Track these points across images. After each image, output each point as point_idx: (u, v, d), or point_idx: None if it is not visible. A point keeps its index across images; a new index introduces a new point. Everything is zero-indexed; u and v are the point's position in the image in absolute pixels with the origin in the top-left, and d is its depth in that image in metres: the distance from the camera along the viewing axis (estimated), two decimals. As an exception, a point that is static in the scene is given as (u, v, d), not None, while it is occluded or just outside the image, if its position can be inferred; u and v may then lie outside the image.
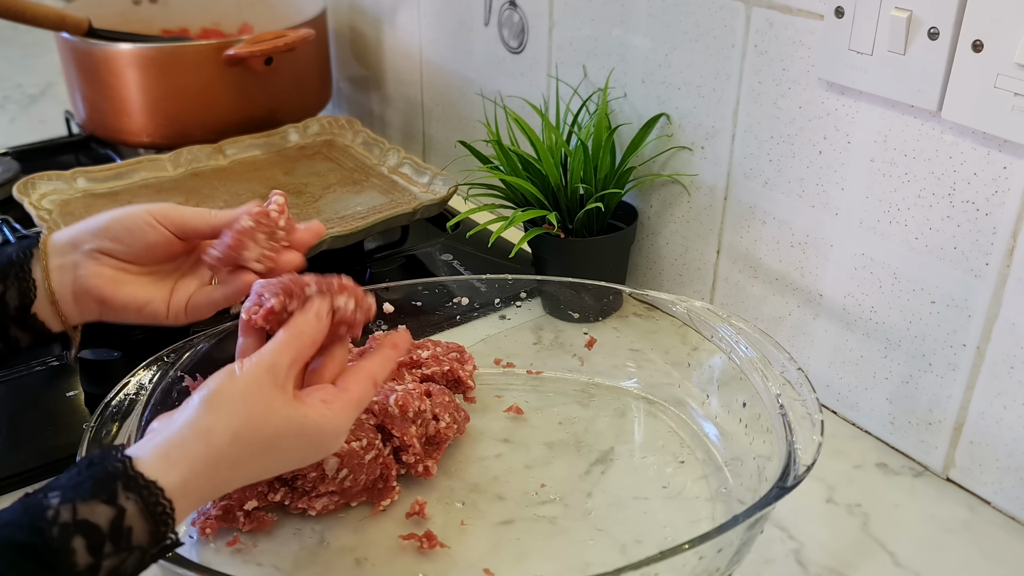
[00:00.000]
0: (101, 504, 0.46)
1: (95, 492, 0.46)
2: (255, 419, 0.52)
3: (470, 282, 0.88)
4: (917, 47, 0.64)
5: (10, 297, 0.60)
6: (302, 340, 0.56)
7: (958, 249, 0.67)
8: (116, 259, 0.63)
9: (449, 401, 0.73)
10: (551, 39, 0.98)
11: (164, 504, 0.48)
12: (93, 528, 0.45)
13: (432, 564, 0.63)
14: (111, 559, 0.46)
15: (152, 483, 0.48)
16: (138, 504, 0.47)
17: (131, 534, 0.47)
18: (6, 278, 0.61)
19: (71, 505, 0.46)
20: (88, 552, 0.45)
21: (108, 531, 0.46)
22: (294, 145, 1.17)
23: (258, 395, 0.53)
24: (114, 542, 0.46)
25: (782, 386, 0.66)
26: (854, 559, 0.65)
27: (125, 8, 1.31)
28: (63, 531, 0.45)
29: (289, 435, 0.53)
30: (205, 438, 0.51)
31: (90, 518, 0.46)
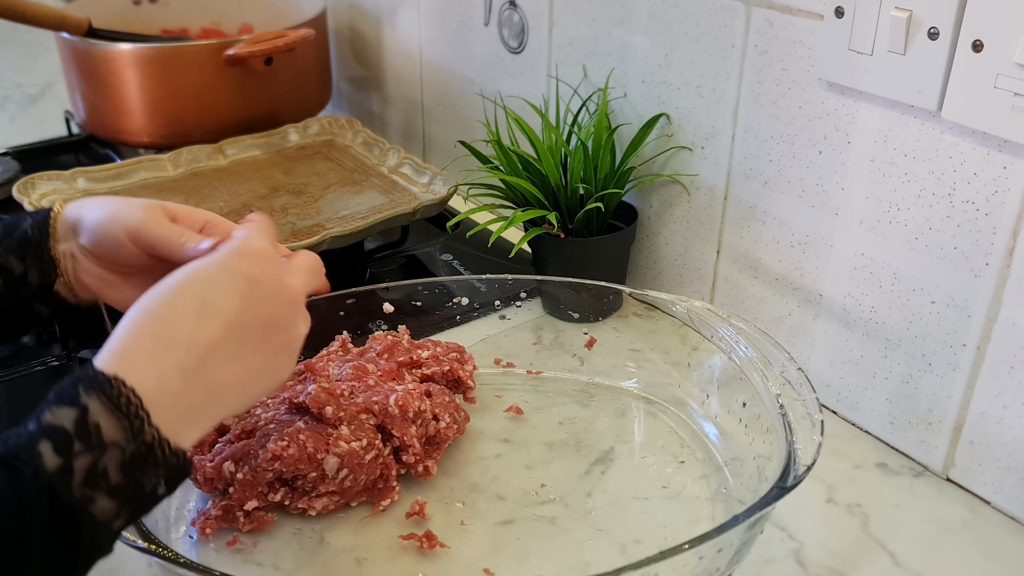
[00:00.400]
0: (64, 407, 0.45)
1: (58, 400, 0.45)
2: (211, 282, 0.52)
3: (470, 282, 0.88)
4: (917, 47, 0.64)
5: (32, 278, 0.61)
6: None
7: (958, 249, 0.67)
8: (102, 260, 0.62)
9: (449, 401, 0.73)
10: (551, 39, 0.98)
11: (128, 395, 0.45)
12: (56, 429, 0.44)
13: (432, 564, 0.63)
14: (83, 457, 0.44)
15: (113, 376, 0.46)
16: (100, 398, 0.45)
17: (99, 431, 0.44)
18: (25, 257, 0.60)
19: (36, 419, 0.45)
20: (56, 453, 0.43)
21: (74, 430, 0.44)
22: (294, 145, 1.17)
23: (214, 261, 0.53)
24: (82, 440, 0.44)
25: (782, 386, 0.66)
26: (854, 559, 0.65)
27: (125, 8, 1.31)
28: (29, 438, 0.44)
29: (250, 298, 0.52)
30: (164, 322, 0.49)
31: (54, 422, 0.44)
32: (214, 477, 0.65)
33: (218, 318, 0.50)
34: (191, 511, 0.67)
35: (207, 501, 0.66)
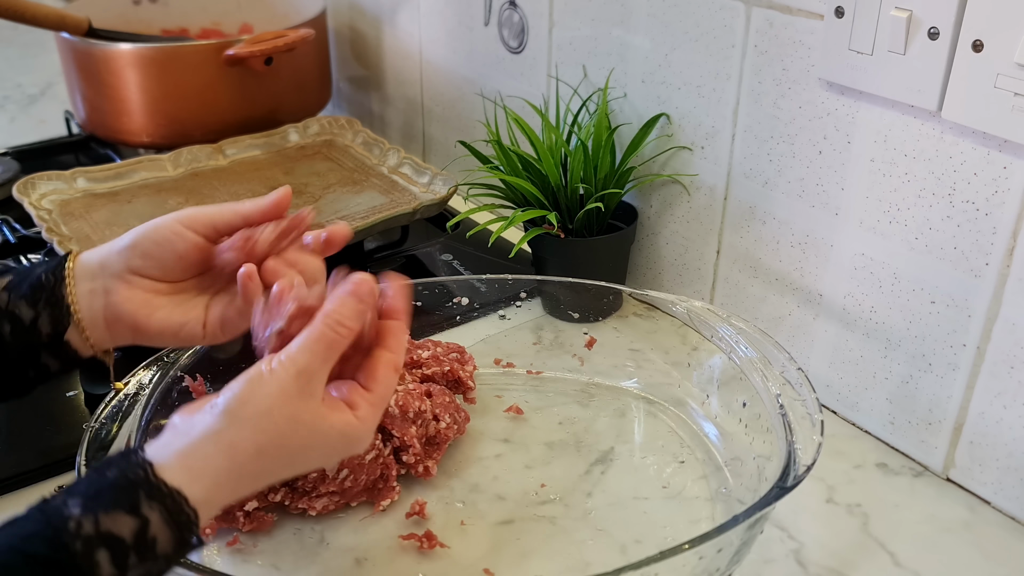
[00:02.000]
0: (124, 515, 0.45)
1: (117, 502, 0.45)
2: (281, 436, 0.50)
3: (470, 282, 0.88)
4: (917, 47, 0.64)
5: (42, 323, 0.57)
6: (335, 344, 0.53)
7: (958, 249, 0.67)
8: (148, 278, 0.59)
9: (449, 402, 0.73)
10: (551, 39, 0.98)
11: (188, 513, 0.47)
12: (117, 540, 0.44)
13: (432, 564, 0.63)
14: (136, 570, 0.45)
15: (176, 491, 0.46)
16: (162, 514, 0.46)
17: (155, 544, 0.45)
18: (37, 303, 0.57)
19: (93, 516, 0.44)
20: (112, 565, 0.44)
21: (132, 543, 0.45)
22: (294, 145, 1.17)
23: (285, 409, 0.50)
24: (139, 553, 0.45)
25: (782, 386, 0.66)
26: (854, 559, 0.65)
27: (125, 8, 1.31)
28: (86, 544, 0.43)
29: (314, 447, 0.52)
30: (228, 453, 0.49)
31: (113, 530, 0.44)
32: None
33: (274, 462, 0.51)
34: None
35: (207, 501, 0.66)
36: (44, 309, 0.57)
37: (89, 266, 0.59)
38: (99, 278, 0.58)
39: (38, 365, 0.58)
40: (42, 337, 0.57)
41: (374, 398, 0.54)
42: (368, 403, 0.54)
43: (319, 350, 0.52)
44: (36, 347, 0.57)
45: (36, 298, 0.57)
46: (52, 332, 0.57)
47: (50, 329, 0.57)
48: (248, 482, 0.51)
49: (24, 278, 0.58)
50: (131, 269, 0.59)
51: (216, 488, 0.49)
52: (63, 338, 0.58)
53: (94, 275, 0.59)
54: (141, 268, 0.59)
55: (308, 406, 0.51)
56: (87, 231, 0.96)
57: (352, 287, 0.55)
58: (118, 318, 0.58)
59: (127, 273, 0.59)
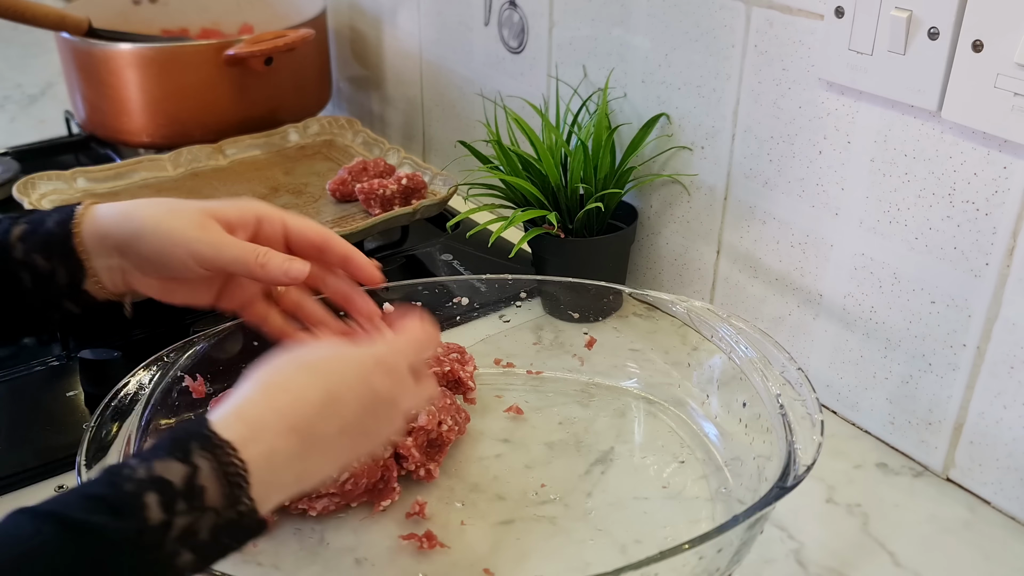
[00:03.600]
0: (175, 462, 0.46)
1: (171, 450, 0.46)
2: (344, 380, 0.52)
3: (470, 282, 0.88)
4: (917, 47, 0.64)
5: (60, 277, 0.60)
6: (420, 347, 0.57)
7: (958, 249, 0.67)
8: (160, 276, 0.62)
9: (450, 403, 0.73)
10: (551, 39, 0.98)
11: (238, 464, 0.47)
12: (167, 484, 0.45)
13: (432, 564, 0.63)
14: (184, 517, 0.45)
15: (227, 442, 0.47)
16: (212, 463, 0.46)
17: (204, 493, 0.46)
18: (51, 256, 0.60)
19: (148, 463, 0.45)
20: (161, 508, 0.44)
21: (182, 487, 0.45)
22: (294, 145, 1.17)
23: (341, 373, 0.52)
24: (187, 499, 0.45)
25: (782, 386, 0.66)
26: (854, 559, 0.65)
27: (125, 8, 1.31)
28: (137, 485, 0.44)
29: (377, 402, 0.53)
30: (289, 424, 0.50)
31: (164, 474, 0.45)
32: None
33: (337, 420, 0.52)
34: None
35: (207, 501, 0.66)
36: (59, 264, 0.60)
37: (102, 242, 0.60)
38: (115, 258, 0.61)
39: (61, 309, 0.61)
40: (61, 287, 0.60)
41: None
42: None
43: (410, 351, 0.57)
44: (56, 295, 0.60)
45: (49, 251, 0.60)
46: (69, 283, 0.60)
47: (67, 280, 0.60)
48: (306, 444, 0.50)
49: (36, 228, 0.60)
50: (143, 270, 0.61)
51: (271, 446, 0.49)
52: (81, 287, 0.61)
53: (109, 253, 0.61)
54: (153, 273, 0.62)
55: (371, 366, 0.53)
56: (87, 231, 0.96)
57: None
58: (137, 292, 0.63)
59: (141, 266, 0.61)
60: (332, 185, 1.03)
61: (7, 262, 0.59)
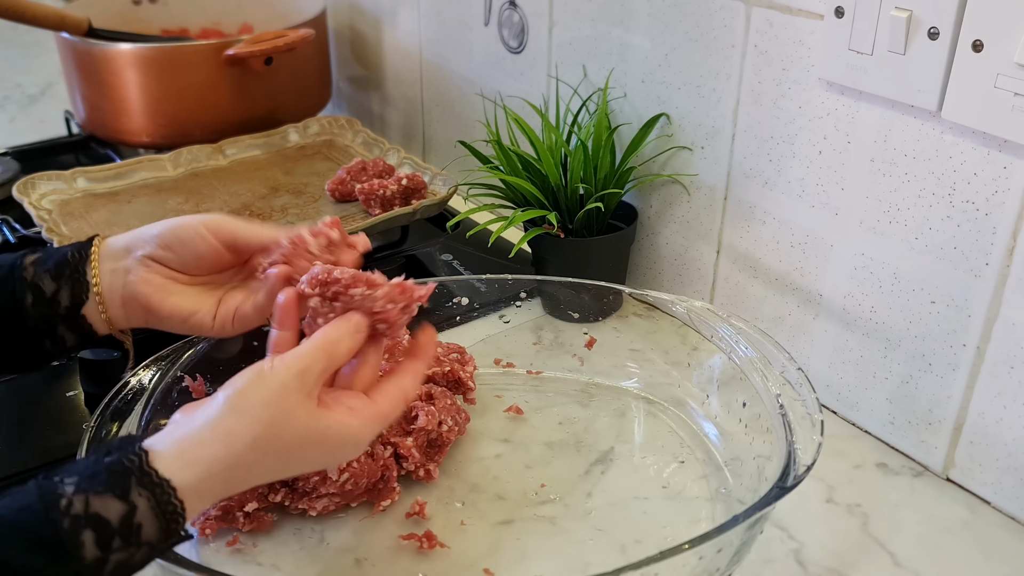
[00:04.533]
0: (113, 499, 0.46)
1: (109, 485, 0.47)
2: (277, 426, 0.52)
3: (470, 282, 0.88)
4: (917, 47, 0.64)
5: (62, 296, 0.61)
6: (337, 349, 0.55)
7: (958, 249, 0.67)
8: (166, 267, 0.63)
9: (451, 404, 0.73)
10: (551, 39, 0.98)
11: (176, 504, 0.48)
12: (104, 523, 0.46)
13: (432, 564, 0.63)
14: (119, 554, 0.46)
15: (166, 481, 0.48)
16: (150, 502, 0.47)
17: (140, 530, 0.47)
18: (60, 277, 0.61)
19: (84, 497, 0.46)
20: (96, 546, 0.45)
21: (118, 527, 0.46)
22: (294, 145, 1.17)
23: (283, 402, 0.52)
24: (123, 538, 0.46)
25: (782, 386, 0.66)
26: (854, 559, 0.65)
27: (125, 8, 1.31)
28: (74, 523, 0.45)
29: (310, 444, 0.53)
30: (224, 440, 0.51)
31: (101, 512, 0.46)
32: None
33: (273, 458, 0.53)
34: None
35: (207, 501, 0.66)
36: (65, 284, 0.61)
37: (115, 248, 0.63)
38: (122, 259, 0.63)
39: (55, 337, 0.62)
40: (60, 309, 0.61)
41: (377, 411, 0.56)
42: (369, 414, 0.56)
43: (320, 357, 0.54)
44: (54, 319, 0.61)
45: (60, 273, 0.61)
46: (70, 305, 0.61)
47: (68, 302, 0.61)
48: (241, 475, 0.52)
49: (51, 255, 0.63)
50: (152, 256, 0.63)
51: (209, 477, 0.50)
52: (80, 311, 0.62)
53: (118, 256, 0.63)
54: (162, 257, 0.63)
55: (305, 403, 0.53)
56: (87, 231, 0.96)
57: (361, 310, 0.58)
58: (134, 297, 0.62)
59: (148, 259, 0.63)
60: (331, 185, 1.03)
61: (14, 281, 0.61)
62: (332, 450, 0.55)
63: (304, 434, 0.53)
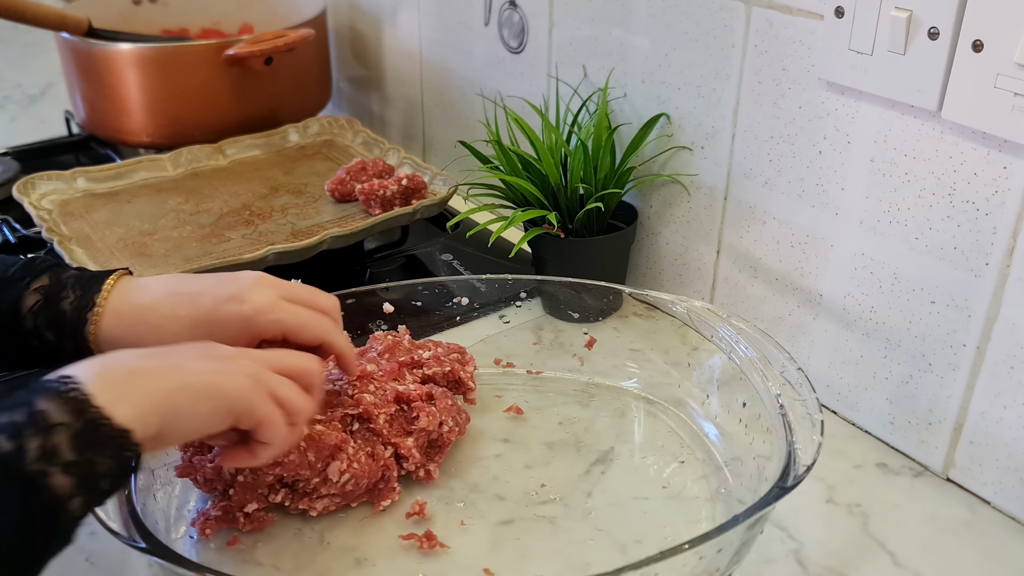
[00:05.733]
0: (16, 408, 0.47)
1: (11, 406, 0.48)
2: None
3: (470, 282, 0.88)
4: (917, 47, 0.64)
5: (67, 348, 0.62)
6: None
7: (958, 249, 0.67)
8: None
9: (451, 404, 0.73)
10: (551, 39, 0.98)
11: (72, 385, 0.49)
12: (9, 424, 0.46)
13: (432, 564, 0.63)
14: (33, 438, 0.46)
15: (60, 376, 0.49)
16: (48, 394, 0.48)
17: (46, 415, 0.47)
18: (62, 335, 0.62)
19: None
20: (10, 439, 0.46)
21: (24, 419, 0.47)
22: (294, 145, 1.17)
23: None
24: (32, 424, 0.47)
25: (782, 386, 0.66)
26: (854, 559, 0.65)
27: (125, 8, 1.31)
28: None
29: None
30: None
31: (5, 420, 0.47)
32: (214, 478, 0.65)
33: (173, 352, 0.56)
34: (191, 511, 0.67)
35: (207, 501, 0.66)
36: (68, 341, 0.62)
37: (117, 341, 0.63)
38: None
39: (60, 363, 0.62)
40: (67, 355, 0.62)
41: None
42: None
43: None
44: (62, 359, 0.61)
45: (60, 332, 0.62)
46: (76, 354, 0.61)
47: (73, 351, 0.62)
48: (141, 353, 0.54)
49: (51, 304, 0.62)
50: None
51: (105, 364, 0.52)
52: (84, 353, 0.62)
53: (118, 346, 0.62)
54: None
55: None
56: (87, 231, 0.96)
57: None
58: None
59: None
60: (331, 185, 1.03)
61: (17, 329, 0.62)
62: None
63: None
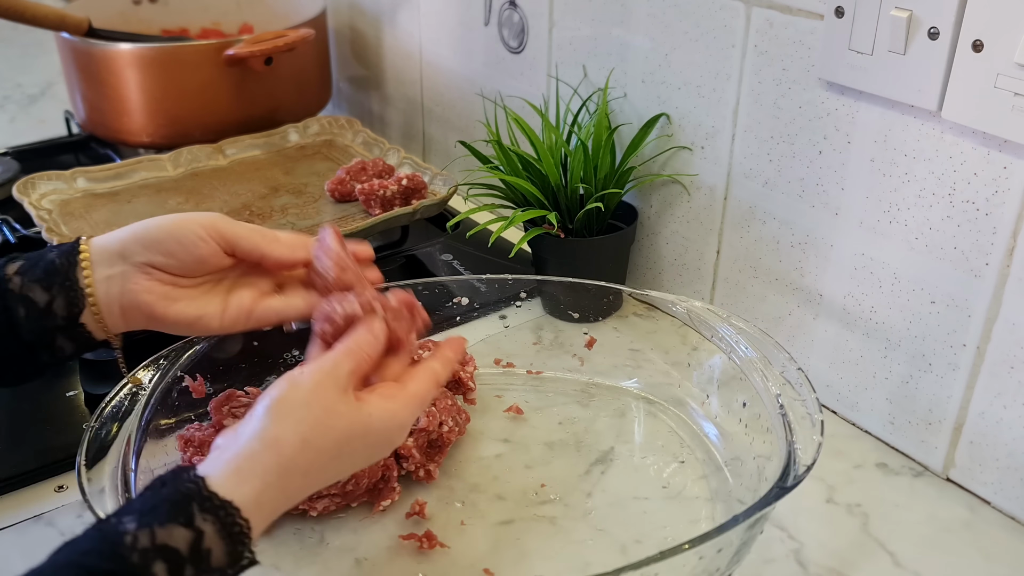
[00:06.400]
0: (179, 527, 0.45)
1: (172, 515, 0.46)
2: (322, 423, 0.52)
3: (470, 282, 0.88)
4: (917, 47, 0.64)
5: (57, 307, 0.58)
6: (360, 352, 0.56)
7: (958, 249, 0.67)
8: (168, 273, 0.61)
9: (451, 404, 0.73)
10: (551, 39, 0.98)
11: (241, 524, 0.47)
12: (173, 552, 0.45)
13: (432, 564, 0.63)
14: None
15: (228, 503, 0.47)
16: (215, 525, 0.46)
17: (210, 556, 0.46)
18: (51, 286, 0.58)
19: (149, 530, 0.45)
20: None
21: (188, 554, 0.45)
22: (294, 145, 1.17)
23: (322, 399, 0.53)
24: (194, 565, 0.45)
25: (782, 386, 0.66)
26: (854, 559, 0.65)
27: (125, 8, 1.31)
28: (143, 556, 0.44)
29: (356, 435, 0.54)
30: (274, 448, 0.50)
31: (169, 542, 0.45)
32: None
33: (319, 453, 0.52)
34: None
35: (207, 501, 0.66)
36: (59, 293, 0.59)
37: (107, 251, 0.60)
38: (117, 265, 0.60)
39: (52, 348, 0.60)
40: (57, 320, 0.59)
41: (411, 391, 0.57)
42: (405, 395, 0.57)
43: (346, 357, 0.56)
44: (51, 330, 0.59)
45: (50, 282, 0.59)
46: (67, 315, 0.59)
47: (65, 312, 0.59)
48: (298, 480, 0.51)
49: (36, 262, 0.59)
50: (151, 263, 0.60)
51: (266, 488, 0.49)
52: (78, 321, 0.59)
53: (112, 261, 0.60)
54: (163, 264, 0.61)
55: (343, 397, 0.54)
56: (87, 231, 0.96)
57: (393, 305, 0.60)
58: (136, 306, 0.60)
59: (147, 266, 0.60)
60: (330, 185, 1.03)
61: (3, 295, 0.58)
62: (379, 437, 0.55)
63: (348, 426, 0.53)
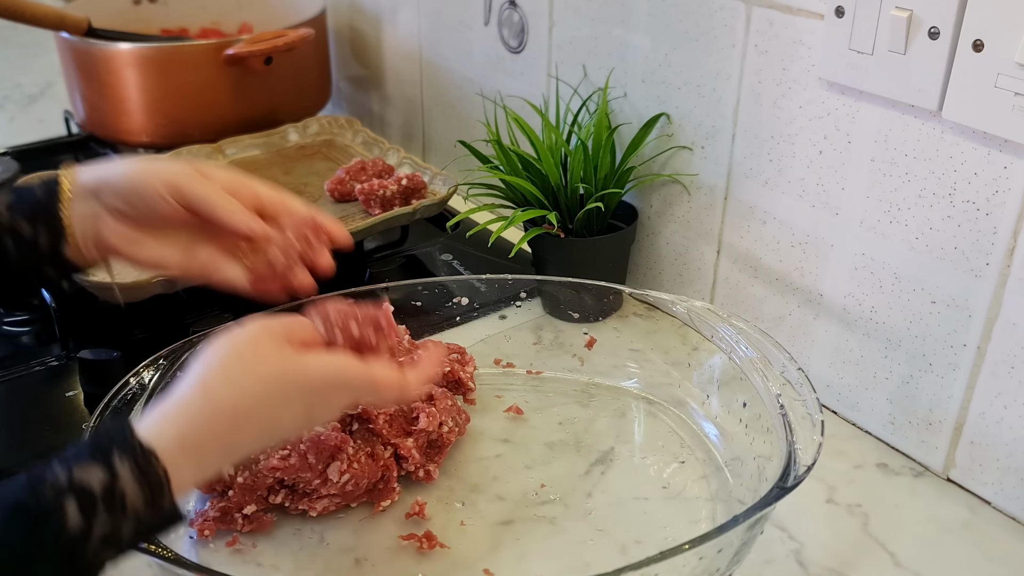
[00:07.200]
0: (96, 467, 0.46)
1: (92, 455, 0.46)
2: (250, 366, 0.52)
3: (470, 282, 0.88)
4: (917, 47, 0.64)
5: (41, 239, 0.61)
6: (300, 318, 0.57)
7: (958, 249, 0.67)
8: (131, 219, 0.62)
9: (451, 404, 0.73)
10: (551, 39, 0.98)
11: (158, 469, 0.47)
12: (85, 490, 0.45)
13: (432, 564, 0.63)
14: (103, 524, 0.45)
15: (148, 449, 0.47)
16: (132, 469, 0.46)
17: (124, 499, 0.46)
18: (36, 221, 0.61)
19: (67, 468, 0.46)
20: (80, 514, 0.45)
21: (101, 494, 0.45)
22: (294, 145, 1.17)
23: (253, 346, 0.53)
24: (107, 505, 0.45)
25: (782, 386, 0.66)
26: (854, 559, 0.65)
27: (125, 8, 1.31)
28: (56, 492, 0.45)
29: (288, 381, 0.52)
30: (200, 390, 0.50)
31: (84, 480, 0.45)
32: (212, 479, 0.65)
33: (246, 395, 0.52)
34: (190, 512, 0.67)
35: (206, 502, 0.66)
36: (42, 226, 0.61)
37: (84, 187, 0.62)
38: (91, 202, 0.62)
39: (40, 275, 0.62)
40: (42, 251, 0.61)
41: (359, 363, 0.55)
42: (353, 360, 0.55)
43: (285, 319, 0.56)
44: (37, 260, 0.61)
45: (35, 216, 0.61)
46: (50, 246, 0.61)
47: (48, 244, 0.61)
48: (225, 422, 0.50)
49: (24, 196, 0.62)
50: (117, 208, 0.62)
51: (191, 430, 0.49)
52: (60, 252, 0.61)
53: (87, 198, 0.62)
54: (126, 211, 0.62)
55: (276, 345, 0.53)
56: (87, 231, 0.96)
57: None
58: (106, 246, 0.62)
59: (114, 209, 0.62)
60: (330, 185, 1.03)
61: None
62: (317, 388, 0.53)
63: (280, 371, 0.52)
